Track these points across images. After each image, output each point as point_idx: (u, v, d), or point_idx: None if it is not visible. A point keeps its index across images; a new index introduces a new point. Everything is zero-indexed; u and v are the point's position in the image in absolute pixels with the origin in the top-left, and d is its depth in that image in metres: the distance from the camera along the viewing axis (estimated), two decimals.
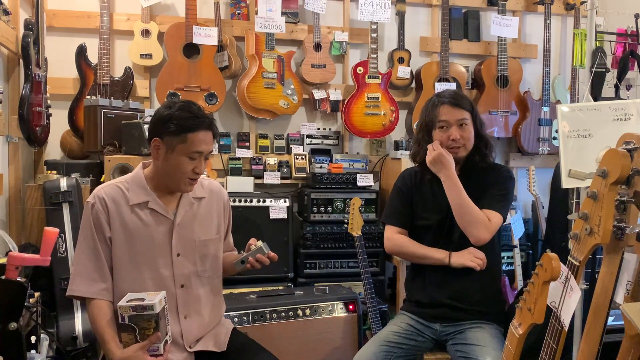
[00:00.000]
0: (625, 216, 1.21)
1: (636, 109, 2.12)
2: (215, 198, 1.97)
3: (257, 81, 3.36)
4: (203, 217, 1.91)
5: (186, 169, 1.76)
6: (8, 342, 1.64)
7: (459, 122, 2.11)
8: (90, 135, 2.91)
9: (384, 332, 2.15)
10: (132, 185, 1.82)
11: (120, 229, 1.77)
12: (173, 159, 1.75)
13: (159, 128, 1.75)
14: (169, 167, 1.76)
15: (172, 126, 1.72)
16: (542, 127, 3.74)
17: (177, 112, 1.74)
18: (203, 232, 1.89)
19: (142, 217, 1.79)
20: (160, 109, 1.79)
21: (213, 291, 1.94)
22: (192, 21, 3.29)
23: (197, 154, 1.75)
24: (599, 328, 1.27)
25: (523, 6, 3.92)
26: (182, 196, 1.86)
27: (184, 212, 1.85)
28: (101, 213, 1.76)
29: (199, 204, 1.91)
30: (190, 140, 1.73)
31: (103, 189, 1.81)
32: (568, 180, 2.17)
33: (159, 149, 1.77)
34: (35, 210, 2.73)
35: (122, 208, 1.78)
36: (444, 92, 2.19)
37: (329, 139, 3.64)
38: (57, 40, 3.30)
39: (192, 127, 1.73)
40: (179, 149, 1.74)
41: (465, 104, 2.15)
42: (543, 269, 1.26)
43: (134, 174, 1.85)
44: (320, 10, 3.48)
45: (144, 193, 1.81)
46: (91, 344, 2.49)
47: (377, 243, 3.24)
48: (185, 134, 1.72)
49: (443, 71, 3.63)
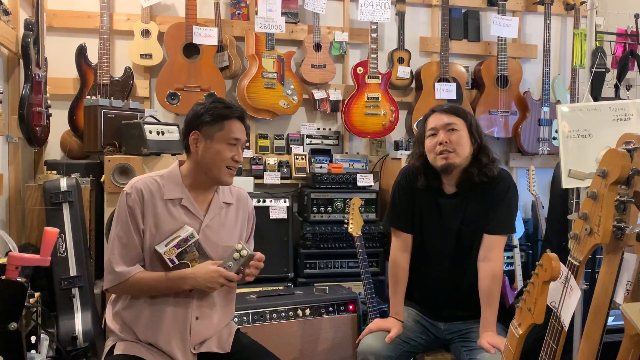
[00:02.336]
0: (625, 216, 1.21)
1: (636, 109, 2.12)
2: (242, 206, 1.98)
3: (257, 81, 3.36)
4: (229, 224, 1.92)
5: (226, 156, 1.80)
6: (8, 342, 1.64)
7: (446, 126, 2.04)
8: (90, 135, 2.91)
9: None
10: (167, 181, 1.84)
11: (152, 221, 1.79)
12: (213, 148, 1.79)
13: (195, 122, 1.81)
14: (210, 156, 1.80)
15: (208, 117, 1.79)
16: (542, 127, 3.74)
17: (211, 105, 1.82)
18: (227, 238, 1.90)
19: (173, 212, 1.81)
20: (193, 108, 1.85)
21: (227, 298, 1.94)
22: (192, 21, 3.29)
23: (235, 140, 1.81)
24: (599, 328, 1.27)
25: (523, 6, 3.92)
26: (213, 199, 1.89)
27: (213, 215, 1.87)
28: (137, 203, 1.78)
29: (227, 209, 1.92)
30: (228, 127, 1.80)
31: (141, 180, 1.83)
32: (568, 180, 2.17)
33: (197, 142, 1.81)
34: (35, 210, 2.73)
35: (157, 201, 1.80)
36: (438, 105, 2.16)
37: (329, 139, 3.64)
38: (57, 40, 3.30)
39: (227, 115, 1.80)
40: (218, 136, 1.79)
41: (458, 111, 2.07)
42: (543, 269, 1.26)
43: (171, 170, 1.88)
44: (320, 10, 3.49)
45: (179, 190, 1.84)
46: (91, 343, 2.49)
47: (377, 243, 3.24)
48: (222, 122, 1.79)
49: (443, 71, 3.63)
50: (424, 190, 2.14)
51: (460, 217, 2.09)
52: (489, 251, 2.03)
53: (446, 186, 2.12)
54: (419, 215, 2.17)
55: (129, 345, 1.76)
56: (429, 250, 2.16)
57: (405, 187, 2.20)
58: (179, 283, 1.75)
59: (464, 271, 2.10)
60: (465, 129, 2.05)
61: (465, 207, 2.08)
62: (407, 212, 2.18)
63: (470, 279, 2.07)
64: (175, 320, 1.79)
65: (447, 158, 2.02)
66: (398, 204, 2.21)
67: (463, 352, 2.03)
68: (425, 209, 2.15)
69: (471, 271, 2.07)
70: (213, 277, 1.76)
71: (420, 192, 2.16)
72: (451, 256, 2.11)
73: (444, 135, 2.03)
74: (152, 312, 1.78)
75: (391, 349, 2.01)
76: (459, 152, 2.02)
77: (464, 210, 2.09)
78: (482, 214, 2.06)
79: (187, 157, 1.88)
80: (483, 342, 1.93)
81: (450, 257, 2.11)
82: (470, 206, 2.08)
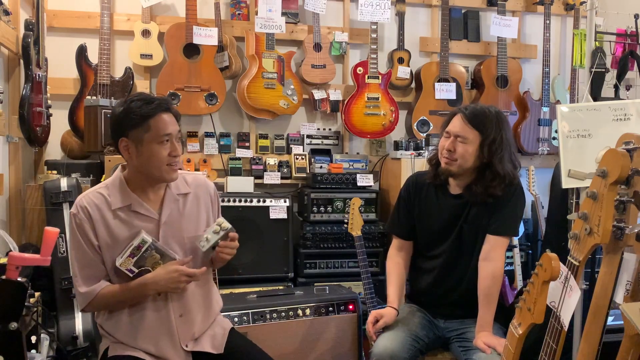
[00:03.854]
0: (625, 216, 1.21)
1: (636, 109, 2.12)
2: (201, 192, 1.91)
3: (257, 81, 3.36)
4: (190, 213, 1.86)
5: (162, 156, 1.72)
6: (8, 342, 1.64)
7: (458, 136, 2.03)
8: (90, 135, 2.91)
9: (409, 322, 2.12)
10: (112, 190, 1.78)
11: (106, 234, 1.74)
12: (146, 151, 1.71)
13: (120, 127, 1.72)
14: (145, 160, 1.72)
15: (130, 120, 1.69)
16: (541, 127, 3.74)
17: (131, 105, 1.70)
18: (192, 228, 1.85)
19: (126, 220, 1.76)
20: (113, 111, 1.76)
21: (206, 286, 1.91)
22: (192, 21, 3.29)
23: (166, 136, 1.72)
24: (599, 328, 1.27)
25: (523, 6, 3.92)
26: (166, 194, 1.82)
27: (169, 210, 1.81)
28: (85, 222, 1.73)
29: (185, 199, 1.86)
30: (154, 126, 1.70)
31: (84, 197, 1.77)
32: (568, 180, 2.18)
33: (129, 148, 1.73)
34: (36, 210, 2.73)
35: (106, 214, 1.75)
36: (469, 105, 2.11)
37: (329, 139, 3.64)
38: (58, 40, 3.30)
39: (150, 113, 1.69)
40: (147, 138, 1.70)
41: (478, 123, 2.00)
42: (543, 268, 1.26)
43: (113, 178, 1.81)
44: (320, 10, 3.49)
45: (126, 196, 1.77)
46: (91, 343, 2.49)
47: (377, 243, 3.24)
48: (147, 121, 1.69)
49: (443, 71, 3.63)
50: (429, 188, 2.17)
51: (462, 217, 2.11)
52: (490, 251, 2.04)
53: (452, 186, 2.14)
54: (420, 215, 2.19)
55: (122, 347, 1.76)
56: (430, 248, 2.18)
57: (406, 198, 2.24)
58: (142, 290, 1.73)
59: (464, 270, 2.11)
60: (476, 143, 2.01)
61: (469, 208, 2.10)
62: (406, 223, 2.23)
63: (470, 278, 2.09)
64: (159, 322, 1.78)
65: (447, 164, 2.06)
66: (397, 213, 2.27)
67: (460, 352, 2.04)
68: (429, 206, 2.17)
69: (471, 270, 2.08)
70: (174, 277, 1.72)
71: (424, 193, 2.18)
72: (451, 255, 2.12)
73: (450, 144, 2.04)
74: (132, 320, 1.77)
75: (405, 350, 1.99)
76: (460, 163, 2.03)
77: (468, 211, 2.10)
78: (485, 215, 2.07)
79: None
80: (479, 342, 1.94)
81: (451, 255, 2.12)
82: (474, 207, 2.09)
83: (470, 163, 2.03)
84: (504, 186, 2.04)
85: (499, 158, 2.01)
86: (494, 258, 2.03)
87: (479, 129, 2.00)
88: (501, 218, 2.05)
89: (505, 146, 2.03)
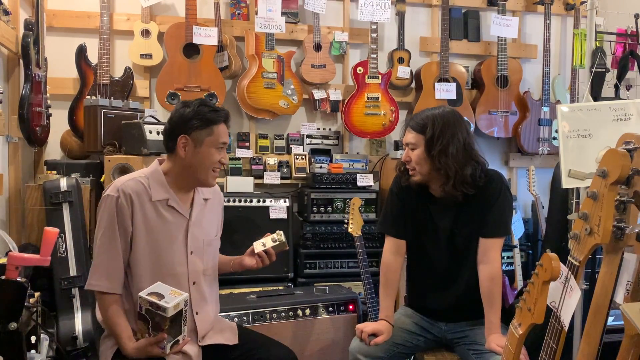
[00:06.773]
0: (625, 216, 1.21)
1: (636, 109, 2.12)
2: (217, 199, 2.05)
3: (257, 81, 3.36)
4: (209, 218, 1.98)
5: (214, 160, 1.84)
6: (8, 342, 1.64)
7: (407, 144, 2.06)
8: (90, 135, 2.91)
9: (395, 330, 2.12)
10: (152, 182, 1.85)
11: (142, 224, 1.80)
12: (202, 152, 1.82)
13: (184, 126, 1.82)
14: (199, 160, 1.83)
15: (196, 122, 1.81)
16: (542, 127, 3.74)
17: (198, 108, 1.83)
18: (209, 231, 1.97)
19: (162, 213, 1.83)
20: (179, 110, 1.86)
21: (214, 289, 2.01)
22: (192, 21, 3.29)
23: (222, 144, 1.86)
24: (599, 328, 1.27)
25: (523, 6, 3.92)
26: (195, 196, 1.93)
27: (197, 211, 1.92)
28: (125, 208, 1.78)
29: (206, 204, 1.97)
30: (217, 132, 1.83)
31: (127, 182, 1.82)
32: (568, 180, 2.17)
33: (186, 146, 1.82)
34: (35, 210, 2.73)
35: (145, 204, 1.81)
36: (411, 117, 2.13)
37: (329, 139, 3.64)
38: (57, 40, 3.30)
39: (216, 120, 1.83)
40: (207, 141, 1.82)
41: (421, 126, 2.01)
42: (543, 269, 1.25)
43: (153, 170, 1.88)
44: (320, 10, 3.49)
45: (164, 190, 1.85)
46: (91, 343, 2.49)
47: (377, 243, 3.24)
48: (211, 127, 1.82)
49: (443, 71, 3.63)
50: (416, 194, 2.14)
51: (451, 219, 2.08)
52: (485, 254, 2.03)
53: (433, 190, 2.11)
54: (411, 220, 2.17)
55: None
56: (424, 253, 2.16)
57: (397, 194, 2.20)
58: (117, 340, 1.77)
59: (461, 274, 2.10)
60: (422, 146, 2.01)
61: (456, 210, 2.07)
62: (399, 219, 2.18)
63: (468, 281, 2.07)
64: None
65: (412, 175, 2.08)
66: (389, 210, 2.23)
67: (472, 356, 2.02)
68: (417, 212, 2.15)
69: (468, 274, 2.07)
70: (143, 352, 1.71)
71: (412, 197, 2.15)
72: (446, 259, 2.11)
73: (405, 154, 2.07)
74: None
75: (382, 350, 2.03)
76: (418, 170, 2.04)
77: (455, 213, 2.08)
78: (475, 218, 2.05)
79: (169, 157, 1.89)
80: (492, 345, 1.92)
81: (445, 260, 2.11)
82: (461, 209, 2.06)
83: (426, 167, 2.02)
84: (473, 182, 2.00)
85: (444, 153, 1.96)
86: (490, 260, 2.02)
87: (422, 131, 2.02)
88: (491, 220, 2.04)
89: (453, 141, 1.97)
